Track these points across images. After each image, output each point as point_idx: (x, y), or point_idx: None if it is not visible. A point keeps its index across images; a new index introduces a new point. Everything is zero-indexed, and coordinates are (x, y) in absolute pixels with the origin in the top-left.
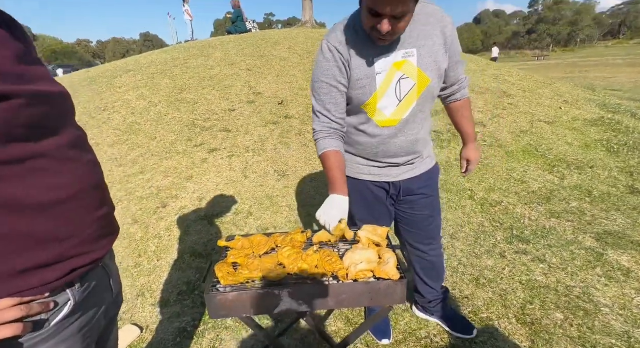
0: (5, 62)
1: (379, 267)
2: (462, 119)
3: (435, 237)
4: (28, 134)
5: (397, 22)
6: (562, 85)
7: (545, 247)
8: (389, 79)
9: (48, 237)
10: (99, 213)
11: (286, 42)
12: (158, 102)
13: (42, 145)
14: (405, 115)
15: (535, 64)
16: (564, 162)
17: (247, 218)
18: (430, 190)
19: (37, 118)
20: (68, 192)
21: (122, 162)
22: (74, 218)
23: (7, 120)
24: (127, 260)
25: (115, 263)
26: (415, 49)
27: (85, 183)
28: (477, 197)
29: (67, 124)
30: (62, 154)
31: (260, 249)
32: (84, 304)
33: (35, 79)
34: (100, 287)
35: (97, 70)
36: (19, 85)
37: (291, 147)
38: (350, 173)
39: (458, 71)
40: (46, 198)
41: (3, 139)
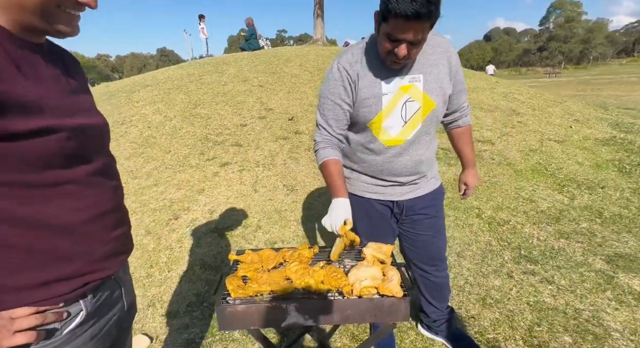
0: (55, 96)
1: (383, 284)
2: (463, 144)
3: (439, 258)
4: (64, 163)
5: (413, 47)
6: (573, 104)
7: (553, 268)
8: (395, 100)
9: (67, 254)
10: (115, 234)
11: (297, 59)
12: (173, 116)
13: (73, 172)
14: (410, 136)
15: (547, 81)
16: (574, 181)
17: (256, 231)
18: (434, 210)
19: (75, 149)
20: (89, 214)
21: (137, 174)
22: (92, 238)
23: (49, 150)
24: (140, 271)
25: (129, 274)
26: (422, 75)
27: (106, 206)
28: (485, 215)
29: (101, 152)
30: (90, 180)
31: (269, 263)
32: (96, 314)
33: (81, 110)
34: (111, 298)
35: (117, 85)
36: (66, 118)
37: (300, 162)
38: (355, 191)
39: (461, 99)
40: (69, 219)
41: (42, 167)
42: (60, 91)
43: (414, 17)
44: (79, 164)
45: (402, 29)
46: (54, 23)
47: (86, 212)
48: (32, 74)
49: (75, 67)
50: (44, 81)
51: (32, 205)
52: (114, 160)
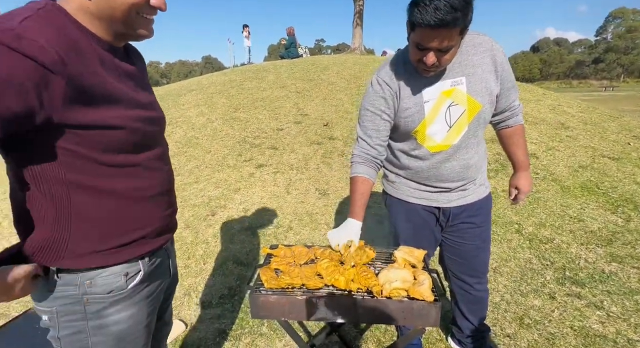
0: (131, 91)
1: (414, 287)
2: (513, 146)
3: (482, 270)
4: (132, 149)
5: (442, 55)
6: (633, 119)
7: (603, 292)
8: (437, 106)
9: (131, 225)
10: (166, 212)
11: (335, 67)
12: (215, 119)
13: (138, 157)
14: (456, 141)
15: (602, 94)
16: (631, 202)
17: (287, 232)
18: (481, 219)
19: (142, 138)
20: (150, 193)
21: (180, 171)
22: (150, 213)
23: (122, 140)
24: (178, 261)
25: (174, 248)
26: (464, 77)
27: (162, 188)
28: (525, 231)
29: (159, 141)
30: (151, 164)
31: (301, 259)
32: (151, 276)
33: (148, 103)
34: (162, 265)
35: (165, 89)
36: (137, 110)
37: (333, 167)
38: (400, 195)
39: (510, 97)
40: (134, 195)
41: (116, 151)
42: (134, 86)
43: (438, 26)
44: (144, 151)
45: (428, 37)
46: (135, 28)
47: (147, 191)
48: (114, 72)
49: (143, 66)
50: (122, 78)
51: (107, 180)
52: (168, 147)
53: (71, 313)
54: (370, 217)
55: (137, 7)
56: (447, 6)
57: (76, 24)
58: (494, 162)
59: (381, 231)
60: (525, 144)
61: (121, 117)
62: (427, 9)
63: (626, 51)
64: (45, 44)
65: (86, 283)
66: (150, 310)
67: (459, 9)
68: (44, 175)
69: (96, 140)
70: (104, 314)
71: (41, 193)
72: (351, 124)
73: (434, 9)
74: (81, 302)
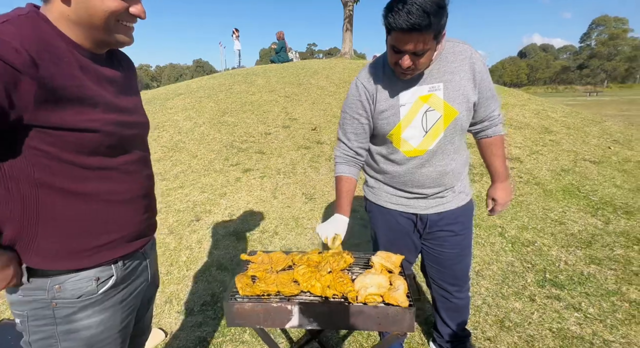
0: (110, 96)
1: (389, 292)
2: (492, 156)
3: (463, 278)
4: (108, 152)
5: (417, 58)
6: (614, 124)
7: (581, 294)
8: (413, 111)
9: (104, 229)
10: (143, 217)
11: (324, 71)
12: (202, 123)
13: (115, 160)
14: (432, 146)
15: (587, 99)
16: (610, 205)
17: (273, 237)
18: (461, 227)
19: (119, 141)
20: (125, 197)
21: (166, 176)
22: (125, 218)
23: (96, 142)
24: (160, 268)
25: (155, 250)
26: (442, 83)
27: (139, 192)
28: (508, 234)
29: (139, 145)
30: (128, 168)
31: (278, 265)
32: (125, 280)
33: (129, 110)
34: (138, 269)
35: (153, 93)
36: (115, 114)
37: (320, 172)
38: (378, 201)
39: (490, 107)
40: (109, 199)
41: (90, 154)
42: (115, 91)
43: (411, 30)
44: (121, 154)
45: (402, 41)
46: (115, 35)
47: (122, 194)
48: (93, 77)
49: (130, 70)
50: (102, 83)
51: (79, 182)
52: (149, 153)
53: (41, 318)
54: (356, 221)
55: (117, 14)
56: (419, 11)
57: (56, 30)
58: (479, 166)
59: (366, 236)
60: (505, 154)
61: (97, 120)
62: (400, 13)
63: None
64: (18, 46)
65: (55, 287)
66: (125, 315)
67: (432, 14)
68: (12, 173)
69: (69, 142)
70: (73, 319)
71: (8, 192)
72: None
73: (406, 14)
74: (50, 307)
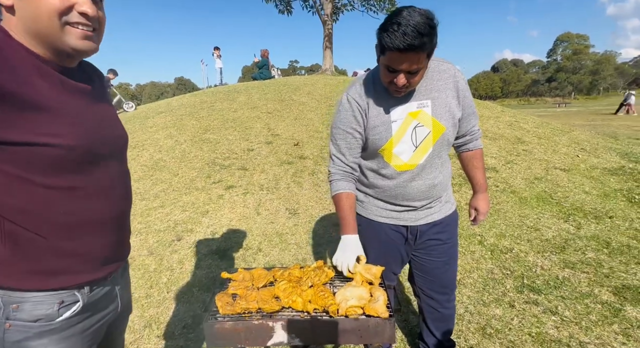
0: (75, 107)
1: (369, 304)
2: (473, 168)
3: (450, 287)
4: (77, 168)
5: (412, 76)
6: (581, 133)
7: (557, 298)
8: (404, 127)
9: (73, 251)
10: (113, 239)
11: (306, 87)
12: (183, 141)
13: (84, 179)
14: (422, 161)
15: (557, 111)
16: (581, 210)
17: (256, 254)
18: (448, 236)
19: (89, 156)
20: (94, 218)
21: (145, 196)
22: (92, 241)
23: (64, 157)
24: (139, 291)
25: (128, 277)
26: (430, 100)
27: (110, 213)
28: (487, 242)
29: (114, 160)
30: (98, 186)
31: (259, 282)
32: (91, 307)
33: (100, 123)
34: (107, 296)
35: (133, 111)
36: (84, 127)
37: (303, 186)
38: (368, 214)
39: (471, 122)
40: (72, 220)
41: (55, 170)
42: (85, 104)
43: (407, 49)
44: (92, 171)
45: (398, 60)
46: (65, 40)
47: (93, 215)
48: (58, 88)
49: (101, 83)
50: (71, 95)
51: (46, 203)
52: (127, 169)
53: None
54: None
55: (61, 15)
56: (414, 31)
57: (16, 42)
58: (457, 177)
59: None
60: (484, 166)
61: (62, 134)
62: (396, 34)
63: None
64: None
65: (12, 306)
66: (87, 347)
67: (425, 34)
68: None
69: (29, 159)
70: (25, 346)
71: None
72: (321, 143)
73: (402, 34)
74: (1, 328)
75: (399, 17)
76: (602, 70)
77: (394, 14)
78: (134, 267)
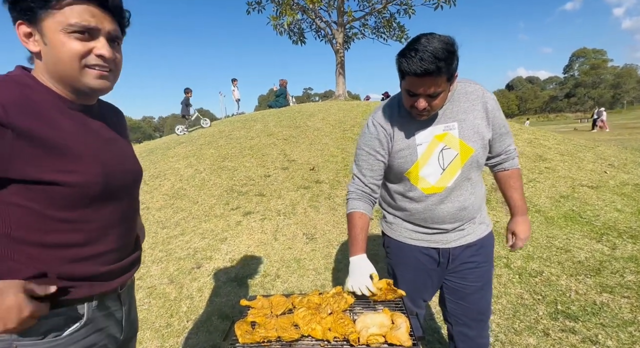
0: (94, 146)
1: (391, 331)
2: (510, 189)
3: (486, 313)
4: (90, 204)
5: (432, 99)
6: (607, 148)
7: (597, 326)
8: (430, 150)
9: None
10: (114, 267)
11: (320, 113)
12: (203, 169)
13: (92, 213)
14: (450, 183)
15: (579, 126)
16: (614, 230)
17: (275, 280)
18: (483, 259)
19: (104, 192)
20: (97, 250)
21: (166, 224)
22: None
23: (83, 194)
24: (160, 320)
25: (134, 295)
26: (457, 123)
27: (116, 244)
28: (514, 265)
29: (126, 196)
30: (106, 220)
31: (278, 309)
32: (95, 323)
33: (117, 159)
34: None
35: (156, 143)
36: (101, 165)
37: (320, 211)
38: (398, 237)
39: (505, 142)
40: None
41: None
42: (102, 142)
43: (424, 74)
44: (105, 206)
45: (416, 85)
46: (84, 80)
47: (97, 247)
48: (80, 128)
49: (120, 121)
50: (89, 134)
51: (54, 234)
52: (138, 202)
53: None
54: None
55: (81, 58)
56: (430, 57)
57: (42, 86)
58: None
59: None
60: (522, 187)
61: (79, 172)
62: (414, 59)
63: (594, 86)
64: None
65: None
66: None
67: (442, 59)
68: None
69: (50, 196)
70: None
71: None
72: (337, 167)
73: (419, 60)
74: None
75: (417, 43)
76: (624, 84)
77: (413, 41)
78: (154, 295)
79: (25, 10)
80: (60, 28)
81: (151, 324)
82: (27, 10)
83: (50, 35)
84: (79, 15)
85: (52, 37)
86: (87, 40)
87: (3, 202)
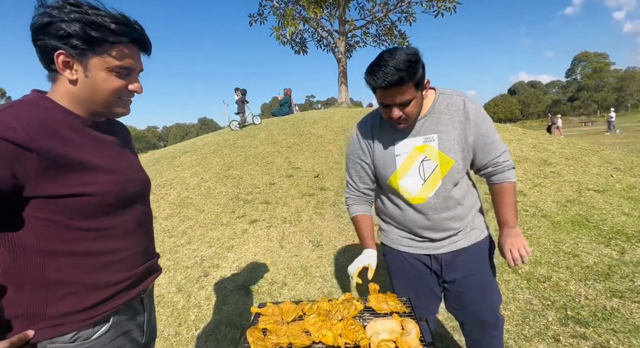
0: (106, 159)
1: (401, 337)
2: (496, 203)
3: (490, 322)
4: (107, 211)
5: (404, 107)
6: (613, 152)
7: (608, 331)
8: (409, 161)
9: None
10: (137, 271)
11: (323, 121)
12: (209, 178)
13: (112, 220)
14: (432, 193)
15: (583, 130)
16: (623, 234)
17: (282, 288)
18: (477, 264)
19: (117, 201)
20: (120, 256)
21: (173, 233)
22: (120, 272)
23: (97, 204)
24: (168, 329)
25: (153, 300)
26: (436, 135)
27: (136, 249)
28: (522, 270)
29: (139, 203)
30: (125, 226)
31: (289, 316)
32: (119, 327)
33: (126, 169)
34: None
35: (161, 152)
36: (114, 175)
37: (325, 218)
38: (392, 244)
39: (490, 154)
40: (107, 257)
41: (92, 216)
42: (112, 154)
43: (389, 86)
44: (119, 214)
45: (385, 96)
46: (114, 109)
47: (120, 253)
48: (92, 143)
49: (126, 135)
50: (101, 147)
51: (81, 244)
52: (150, 209)
53: None
54: None
55: (119, 92)
56: (392, 69)
57: (57, 106)
58: (484, 202)
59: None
60: (512, 203)
61: (97, 183)
62: (378, 74)
63: (597, 89)
64: (17, 126)
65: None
66: None
67: (404, 69)
68: (20, 244)
69: (73, 208)
70: None
71: (15, 263)
72: (341, 174)
73: (383, 74)
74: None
75: (381, 59)
76: (628, 87)
77: (377, 57)
78: (162, 304)
79: (73, 47)
80: (105, 67)
81: (160, 333)
82: (77, 49)
83: (94, 71)
84: (125, 59)
85: (96, 73)
86: (124, 77)
87: (29, 216)
